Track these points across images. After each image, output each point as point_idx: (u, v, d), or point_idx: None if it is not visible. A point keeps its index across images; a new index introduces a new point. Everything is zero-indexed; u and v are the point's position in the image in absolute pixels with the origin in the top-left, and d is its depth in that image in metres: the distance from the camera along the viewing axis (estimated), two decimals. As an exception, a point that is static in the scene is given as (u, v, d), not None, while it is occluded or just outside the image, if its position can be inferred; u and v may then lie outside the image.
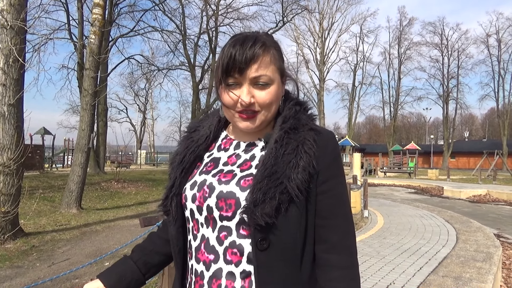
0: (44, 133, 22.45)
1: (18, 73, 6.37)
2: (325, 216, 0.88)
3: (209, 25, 24.62)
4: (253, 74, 0.86)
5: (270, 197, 0.81)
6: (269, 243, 0.82)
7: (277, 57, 0.91)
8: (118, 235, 6.96)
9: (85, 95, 9.35)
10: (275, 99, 0.90)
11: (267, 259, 0.82)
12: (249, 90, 0.87)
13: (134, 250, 1.09)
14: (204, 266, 0.88)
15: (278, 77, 0.91)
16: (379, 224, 7.80)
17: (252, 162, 0.91)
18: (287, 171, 0.84)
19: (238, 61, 0.85)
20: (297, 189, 0.83)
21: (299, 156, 0.86)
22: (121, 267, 1.04)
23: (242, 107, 0.88)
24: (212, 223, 0.88)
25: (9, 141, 6.23)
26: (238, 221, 0.85)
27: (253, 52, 0.85)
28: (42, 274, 4.75)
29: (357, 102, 47.69)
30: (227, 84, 0.88)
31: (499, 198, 15.11)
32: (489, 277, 4.24)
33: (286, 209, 0.82)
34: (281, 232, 0.83)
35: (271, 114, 0.92)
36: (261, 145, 0.94)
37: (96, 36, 9.31)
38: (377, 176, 28.34)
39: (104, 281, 1.01)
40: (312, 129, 0.91)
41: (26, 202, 8.19)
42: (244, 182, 0.87)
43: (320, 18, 42.91)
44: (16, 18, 6.24)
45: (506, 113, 42.42)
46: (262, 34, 0.92)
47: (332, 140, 0.91)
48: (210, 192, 0.88)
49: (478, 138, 65.88)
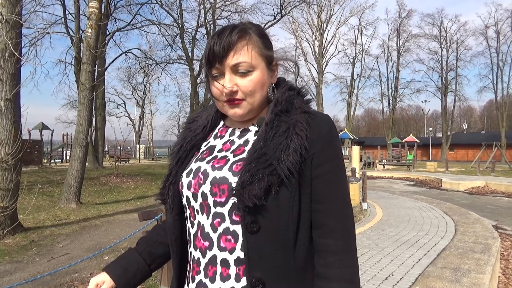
0: (42, 128, 22.39)
1: (15, 68, 6.33)
2: (320, 200, 0.87)
3: (206, 18, 24.48)
4: (232, 62, 0.87)
5: (258, 179, 0.81)
6: (259, 226, 0.81)
7: (260, 44, 0.90)
8: (118, 229, 6.97)
9: (82, 89, 9.30)
10: (259, 86, 0.90)
11: (257, 243, 0.82)
12: (231, 78, 0.88)
13: (139, 242, 1.09)
14: (200, 253, 0.88)
15: (262, 63, 0.90)
16: (378, 217, 7.82)
17: (246, 147, 0.91)
18: (277, 153, 0.83)
19: (216, 51, 0.87)
20: (288, 171, 0.82)
21: (290, 138, 0.85)
22: (126, 259, 1.05)
23: (227, 96, 0.89)
24: (206, 210, 0.88)
25: (6, 136, 6.20)
26: (231, 207, 0.84)
27: (229, 40, 0.87)
28: (42, 269, 4.75)
29: (356, 95, 47.62)
30: (212, 76, 0.90)
31: (498, 189, 15.17)
32: (487, 268, 4.26)
33: (277, 191, 0.81)
34: (271, 215, 0.82)
35: (257, 101, 0.91)
36: (254, 130, 0.94)
37: (93, 30, 9.24)
38: (376, 168, 28.38)
39: (110, 273, 1.01)
40: (306, 112, 0.89)
41: (25, 197, 8.18)
42: (236, 167, 0.86)
43: (318, 11, 42.68)
44: (11, 12, 6.17)
45: (504, 105, 42.40)
46: (244, 23, 0.92)
47: (327, 123, 0.89)
48: (205, 178, 0.88)
49: (476, 130, 65.92)
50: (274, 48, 0.96)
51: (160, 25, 23.81)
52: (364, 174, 9.39)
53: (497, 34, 42.44)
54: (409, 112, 63.46)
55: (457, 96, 45.69)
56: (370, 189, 12.29)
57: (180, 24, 23.87)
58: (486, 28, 42.87)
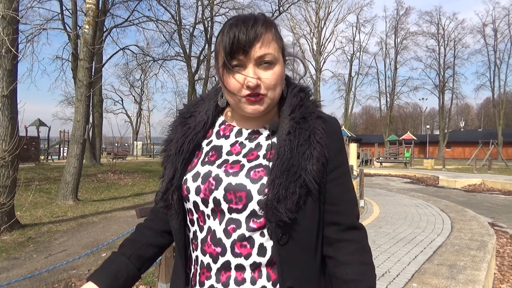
0: (39, 125, 22.29)
1: (11, 64, 6.29)
2: (334, 203, 0.90)
3: (204, 15, 24.36)
4: (258, 53, 0.82)
5: (292, 192, 0.80)
6: (288, 237, 0.82)
7: (279, 36, 0.89)
8: (115, 226, 6.97)
9: (79, 86, 9.26)
10: (280, 80, 0.87)
11: (288, 253, 0.82)
12: (254, 71, 0.83)
13: (124, 245, 1.01)
14: (210, 259, 0.86)
15: (281, 58, 0.89)
16: (375, 214, 7.86)
17: (259, 152, 0.88)
18: (302, 163, 0.83)
19: (242, 41, 0.81)
20: (314, 181, 0.83)
21: (312, 146, 0.85)
22: (115, 265, 0.97)
23: (249, 90, 0.83)
24: (219, 216, 0.85)
25: (3, 132, 6.18)
26: (249, 214, 0.83)
27: (255, 30, 0.82)
28: (39, 265, 4.75)
29: (354, 92, 47.76)
30: (232, 67, 0.83)
31: (494, 187, 15.25)
32: (483, 265, 4.30)
33: (304, 202, 0.82)
34: (299, 226, 0.83)
35: (276, 96, 0.88)
36: (266, 134, 0.91)
37: (90, 26, 9.20)
38: (373, 166, 28.47)
39: (98, 282, 0.92)
40: (319, 117, 0.90)
41: (22, 194, 8.16)
42: (255, 173, 0.84)
43: (317, 8, 42.64)
44: (8, 7, 6.14)
45: (501, 103, 42.59)
46: (259, 14, 0.89)
47: (338, 128, 0.92)
48: (217, 184, 0.85)
49: (473, 128, 66.17)
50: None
51: (158, 22, 23.71)
52: (362, 172, 9.42)
53: (494, 32, 42.60)
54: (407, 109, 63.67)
55: (455, 93, 45.90)
56: (367, 187, 12.33)
57: (177, 20, 23.77)
58: (484, 26, 43.06)
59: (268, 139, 0.89)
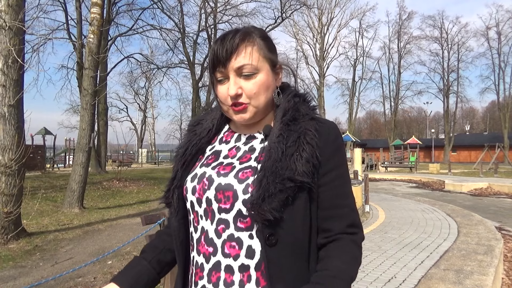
0: (45, 133, 22.47)
1: (18, 74, 6.37)
2: (326, 208, 0.88)
3: (207, 23, 24.57)
4: (236, 65, 0.87)
5: (276, 192, 0.81)
6: (277, 238, 0.82)
7: (263, 46, 0.91)
8: (121, 234, 6.99)
9: (85, 94, 9.35)
10: (264, 88, 0.90)
11: (277, 255, 0.82)
12: (235, 81, 0.88)
13: (145, 250, 1.06)
14: (204, 259, 0.88)
15: (266, 66, 0.91)
16: (381, 219, 7.82)
17: (252, 155, 0.91)
18: (291, 164, 0.84)
19: (219, 55, 0.87)
20: (302, 182, 0.83)
21: (302, 147, 0.85)
22: (136, 269, 1.01)
23: (231, 100, 0.89)
24: (210, 216, 0.88)
25: (10, 141, 6.24)
26: (236, 214, 0.85)
27: (232, 43, 0.87)
28: (46, 274, 4.77)
29: (358, 97, 47.73)
30: (217, 79, 0.91)
31: (501, 191, 15.11)
32: (490, 269, 4.25)
33: (292, 203, 0.82)
34: (288, 227, 0.82)
35: (262, 104, 0.91)
36: (260, 138, 0.94)
37: (95, 35, 9.30)
38: (378, 171, 28.33)
39: (121, 284, 0.96)
40: (313, 119, 0.90)
41: (28, 202, 8.22)
42: (242, 174, 0.86)
43: (319, 14, 42.79)
44: (14, 18, 6.23)
45: (507, 106, 42.33)
46: (247, 27, 0.93)
47: (334, 130, 0.91)
48: (209, 184, 0.89)
49: (479, 131, 65.76)
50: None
51: (162, 30, 23.93)
52: (366, 177, 9.39)
53: (498, 35, 42.49)
54: (411, 114, 63.57)
55: (459, 97, 45.73)
56: (373, 192, 12.28)
57: (181, 28, 23.99)
58: (487, 29, 42.96)
59: (262, 143, 0.92)
